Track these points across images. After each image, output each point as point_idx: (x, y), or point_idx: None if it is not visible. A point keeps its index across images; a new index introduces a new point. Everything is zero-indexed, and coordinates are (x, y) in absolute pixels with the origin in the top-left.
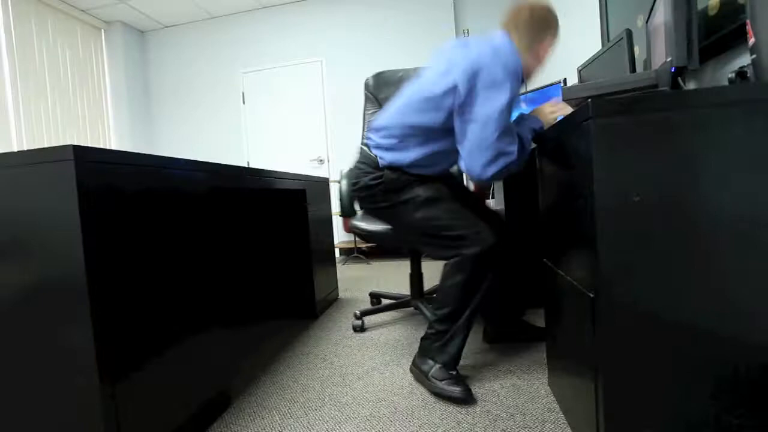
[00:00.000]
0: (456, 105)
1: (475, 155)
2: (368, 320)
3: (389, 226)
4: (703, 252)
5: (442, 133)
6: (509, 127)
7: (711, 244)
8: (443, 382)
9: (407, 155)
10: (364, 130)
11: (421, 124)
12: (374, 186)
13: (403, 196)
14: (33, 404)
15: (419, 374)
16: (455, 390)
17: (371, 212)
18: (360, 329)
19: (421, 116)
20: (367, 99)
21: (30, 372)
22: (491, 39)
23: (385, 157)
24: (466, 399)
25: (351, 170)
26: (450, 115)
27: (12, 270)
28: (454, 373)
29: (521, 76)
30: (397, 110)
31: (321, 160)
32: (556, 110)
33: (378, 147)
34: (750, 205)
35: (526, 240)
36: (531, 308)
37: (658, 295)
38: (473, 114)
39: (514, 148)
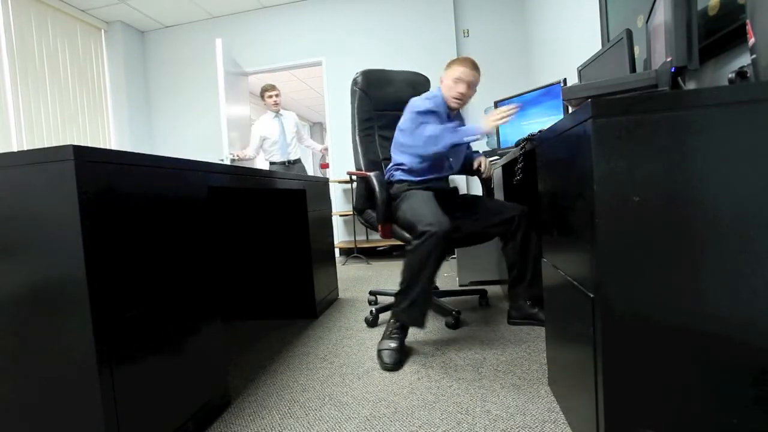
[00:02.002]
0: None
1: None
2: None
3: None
4: (702, 252)
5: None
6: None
7: (711, 244)
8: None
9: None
10: (355, 126)
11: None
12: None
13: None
14: (33, 404)
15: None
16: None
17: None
18: (372, 323)
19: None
20: (356, 96)
21: (30, 372)
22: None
23: (396, 174)
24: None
25: (385, 187)
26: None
27: (12, 270)
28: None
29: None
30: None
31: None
32: (498, 117)
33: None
34: (750, 205)
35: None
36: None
37: (658, 295)
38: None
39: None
